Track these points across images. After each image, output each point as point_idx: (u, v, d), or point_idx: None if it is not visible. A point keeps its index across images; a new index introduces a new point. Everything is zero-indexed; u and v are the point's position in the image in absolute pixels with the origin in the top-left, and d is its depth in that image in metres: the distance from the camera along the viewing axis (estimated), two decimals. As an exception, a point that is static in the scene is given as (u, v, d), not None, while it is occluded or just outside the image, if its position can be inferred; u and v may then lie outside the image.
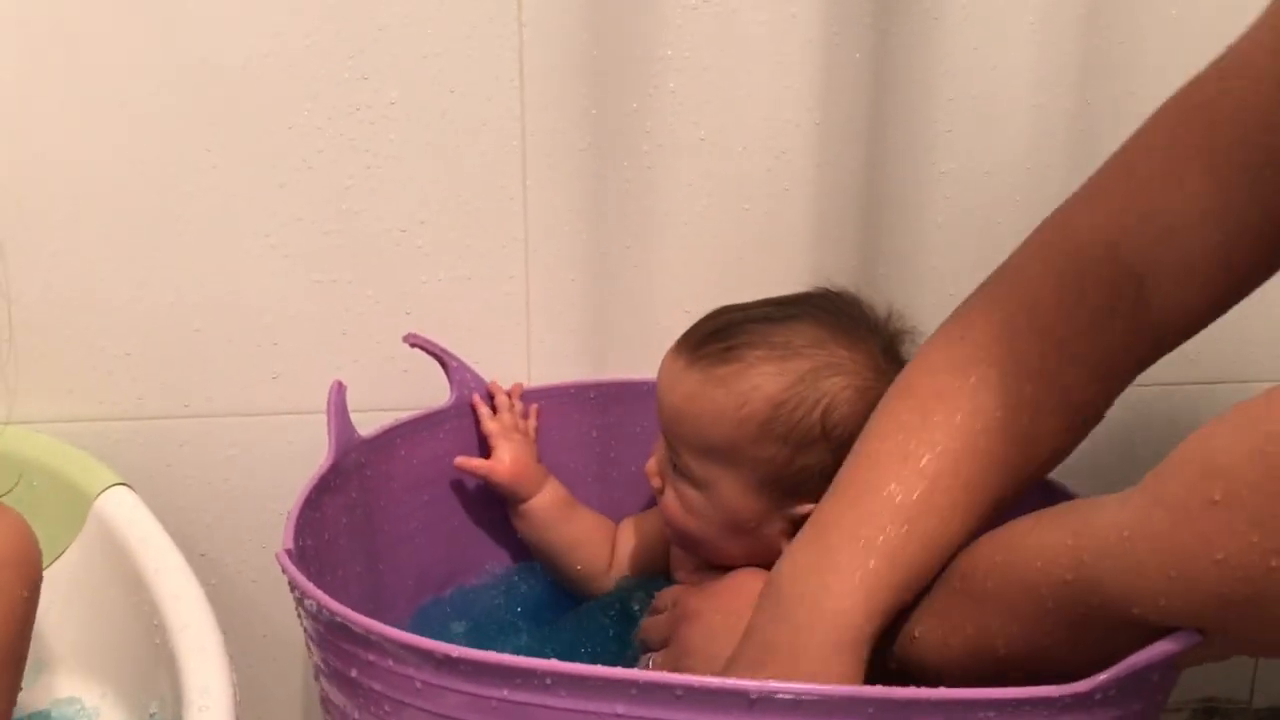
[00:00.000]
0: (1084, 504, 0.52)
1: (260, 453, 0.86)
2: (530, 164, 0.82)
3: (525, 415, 0.82)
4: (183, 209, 0.80)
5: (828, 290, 0.74)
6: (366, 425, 0.83)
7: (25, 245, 0.80)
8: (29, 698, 0.75)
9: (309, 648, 0.60)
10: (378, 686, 0.52)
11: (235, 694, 0.64)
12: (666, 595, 0.71)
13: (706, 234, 0.85)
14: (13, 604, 0.62)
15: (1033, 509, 0.56)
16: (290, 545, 0.59)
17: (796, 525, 0.68)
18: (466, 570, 0.82)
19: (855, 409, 0.66)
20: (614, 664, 0.69)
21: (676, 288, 0.85)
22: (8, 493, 0.76)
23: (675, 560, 0.76)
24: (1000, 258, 0.85)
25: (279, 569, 0.86)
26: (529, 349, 0.86)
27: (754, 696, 0.46)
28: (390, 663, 0.51)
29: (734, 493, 0.68)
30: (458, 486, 0.81)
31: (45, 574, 0.77)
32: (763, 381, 0.67)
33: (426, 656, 0.49)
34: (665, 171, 0.83)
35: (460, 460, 0.78)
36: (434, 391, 0.82)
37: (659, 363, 0.73)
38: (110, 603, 0.75)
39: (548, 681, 0.48)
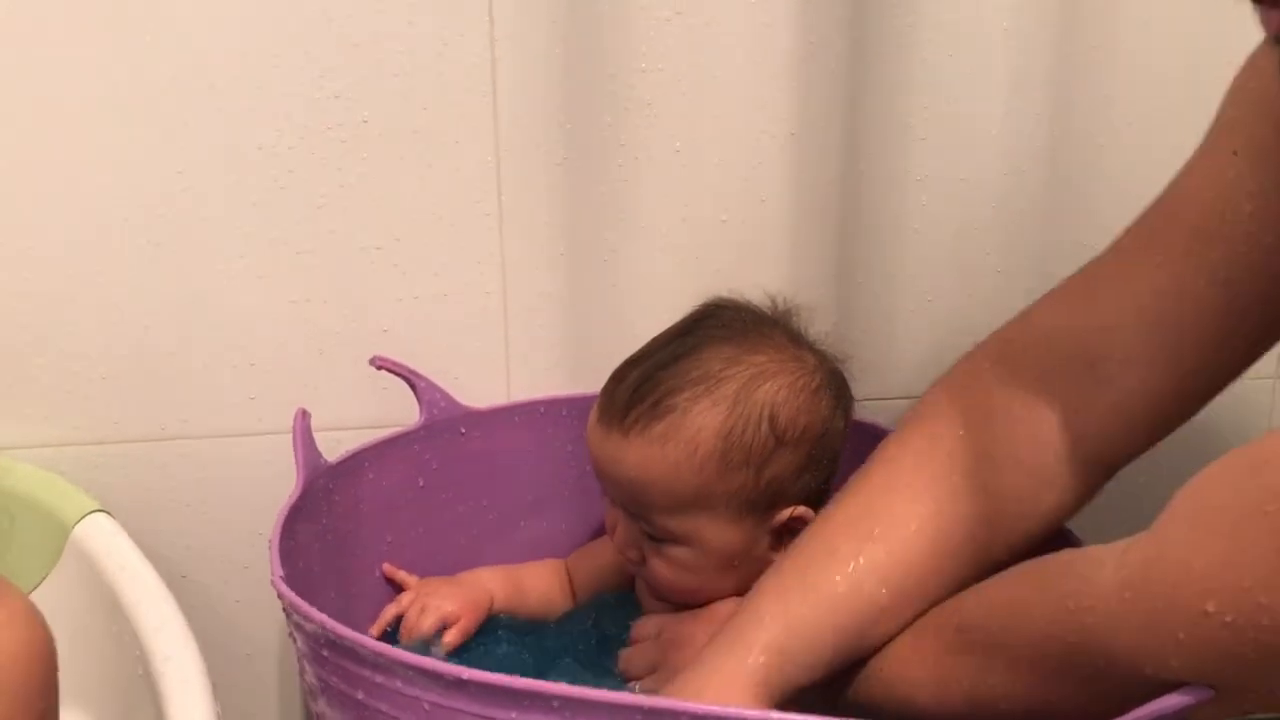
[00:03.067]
0: (1078, 559, 0.52)
1: (239, 474, 0.85)
2: (505, 179, 0.81)
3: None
4: (155, 231, 0.79)
5: (706, 307, 0.74)
6: (348, 444, 0.83)
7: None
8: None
9: (303, 667, 0.60)
10: (385, 708, 0.52)
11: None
12: (646, 625, 0.72)
13: (684, 246, 0.84)
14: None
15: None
16: (281, 572, 0.59)
17: (780, 533, 0.69)
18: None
19: (795, 403, 0.68)
20: (595, 671, 0.71)
21: (654, 300, 0.85)
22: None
23: (645, 593, 0.76)
24: (977, 263, 0.87)
25: (260, 590, 0.87)
26: (508, 364, 0.85)
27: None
28: (399, 684, 0.51)
29: (718, 533, 0.68)
30: (427, 508, 0.81)
31: (23, 603, 0.78)
32: (703, 420, 0.67)
33: (436, 679, 0.50)
34: (641, 184, 0.83)
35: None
36: (415, 408, 0.82)
37: None
38: (91, 632, 0.74)
39: (554, 704, 0.48)
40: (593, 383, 0.85)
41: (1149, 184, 0.85)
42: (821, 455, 0.69)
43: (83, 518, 0.77)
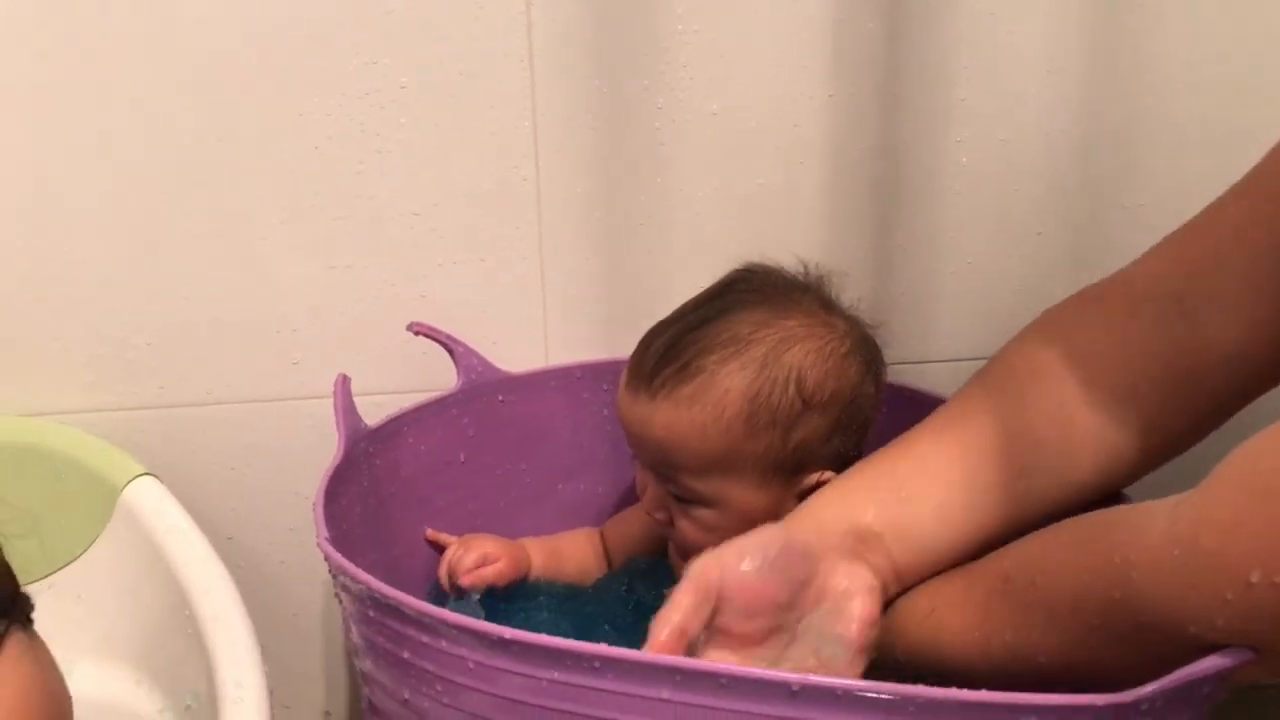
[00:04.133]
0: (1129, 513, 0.51)
1: (283, 438, 0.86)
2: (542, 144, 0.81)
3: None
4: (196, 197, 0.80)
5: (737, 272, 0.74)
6: (388, 408, 0.84)
7: (42, 240, 0.80)
8: (73, 688, 0.77)
9: (349, 627, 0.61)
10: (430, 667, 0.53)
11: (267, 685, 0.66)
12: None
13: (720, 210, 0.84)
14: None
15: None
16: (326, 534, 0.60)
17: (806, 497, 0.68)
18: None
19: (824, 368, 0.68)
20: (632, 640, 0.71)
21: (691, 265, 0.85)
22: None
23: (677, 557, 0.76)
24: (1017, 225, 0.86)
25: (304, 551, 0.89)
26: (545, 330, 0.86)
27: (795, 688, 0.47)
28: (444, 644, 0.52)
29: (745, 495, 0.68)
30: (466, 471, 0.82)
31: (77, 563, 0.80)
32: (730, 382, 0.67)
33: (481, 638, 0.50)
34: (678, 148, 0.82)
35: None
36: (453, 373, 0.82)
37: None
38: (140, 593, 0.76)
39: (596, 665, 0.49)
40: (629, 348, 0.85)
41: (1193, 146, 0.85)
42: (850, 420, 0.69)
43: (131, 481, 0.78)
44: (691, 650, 0.55)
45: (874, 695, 0.47)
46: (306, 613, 0.92)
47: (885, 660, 0.59)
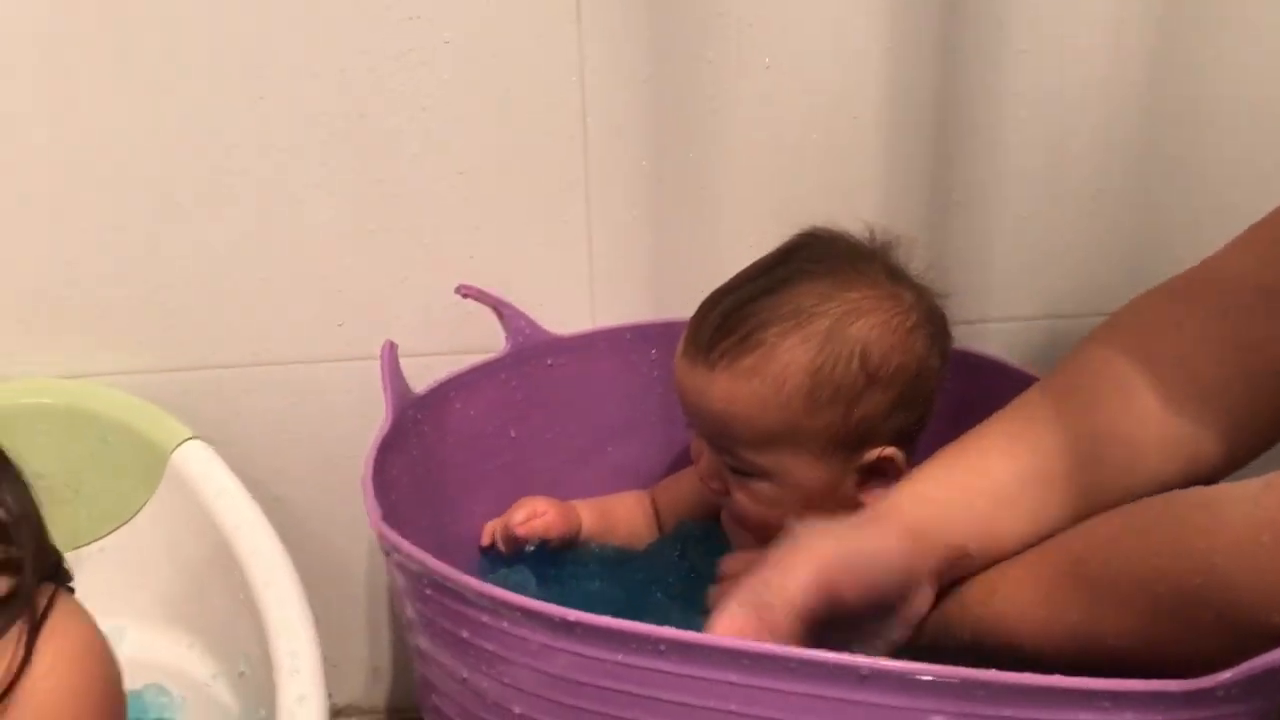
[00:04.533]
0: (1210, 497, 0.50)
1: (328, 399, 0.86)
2: (589, 99, 0.79)
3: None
4: (233, 159, 0.79)
5: (801, 238, 0.72)
6: (436, 371, 0.83)
7: (84, 203, 0.79)
8: (127, 651, 0.77)
9: (403, 604, 0.60)
10: (490, 647, 0.53)
11: (321, 653, 0.66)
12: (735, 562, 0.71)
13: (772, 166, 0.82)
14: None
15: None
16: (380, 511, 0.59)
17: (868, 473, 0.68)
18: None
19: (889, 342, 0.66)
20: (684, 606, 0.71)
21: (741, 222, 0.83)
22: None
23: (730, 523, 0.75)
24: (1076, 181, 0.83)
25: (349, 509, 0.89)
26: (592, 290, 0.84)
27: (865, 672, 0.46)
28: (505, 625, 0.51)
29: (804, 470, 0.67)
30: (515, 435, 0.81)
31: (127, 527, 0.80)
32: (791, 356, 0.65)
33: (544, 620, 0.50)
34: (729, 102, 0.80)
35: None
36: (501, 336, 0.81)
37: None
38: (191, 556, 0.76)
39: (661, 648, 0.48)
40: (678, 308, 0.84)
41: (1254, 103, 0.82)
42: (915, 395, 0.68)
43: (180, 444, 0.78)
44: None
45: (944, 680, 0.46)
46: (353, 572, 0.92)
47: (945, 640, 0.58)
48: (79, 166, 0.78)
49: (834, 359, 0.65)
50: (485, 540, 0.75)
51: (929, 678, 0.46)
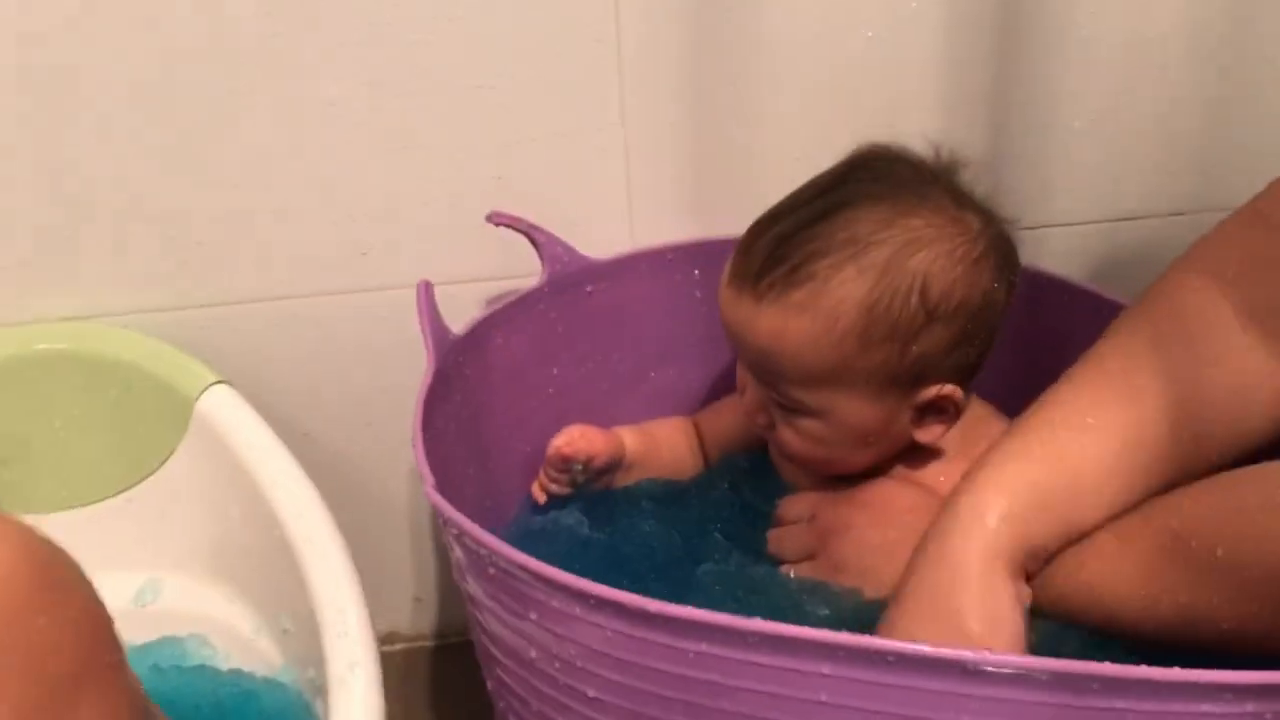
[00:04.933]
0: None
1: (354, 330, 0.82)
2: (622, 1, 0.73)
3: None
4: (246, 82, 0.73)
5: (859, 157, 0.66)
6: (466, 299, 0.79)
7: (87, 132, 0.73)
8: (166, 603, 0.75)
9: (461, 574, 0.57)
10: (561, 631, 0.50)
11: (368, 612, 0.63)
12: (796, 504, 0.68)
13: (821, 67, 0.76)
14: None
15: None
16: (432, 479, 0.56)
17: (924, 410, 0.64)
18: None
19: (952, 275, 0.61)
20: (743, 548, 0.68)
21: (788, 131, 0.77)
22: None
23: (780, 461, 0.71)
24: (1152, 76, 0.77)
25: (384, 444, 0.86)
26: (630, 206, 0.79)
27: (970, 666, 0.43)
28: (578, 610, 0.48)
29: (855, 409, 0.63)
30: (556, 367, 0.77)
31: (154, 477, 0.77)
32: (845, 291, 0.60)
33: (620, 609, 0.47)
34: (773, 2, 0.73)
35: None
36: (532, 258, 0.76)
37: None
38: (224, 506, 0.73)
39: (750, 640, 0.45)
40: (720, 225, 0.79)
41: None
42: (977, 330, 0.63)
43: (205, 390, 0.74)
44: None
45: (1056, 672, 0.43)
46: (391, 503, 0.90)
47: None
48: (77, 92, 0.72)
49: (891, 294, 0.60)
50: (540, 498, 0.72)
51: (1040, 671, 0.43)
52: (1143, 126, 0.79)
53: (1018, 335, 0.72)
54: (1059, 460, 0.54)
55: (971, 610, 0.52)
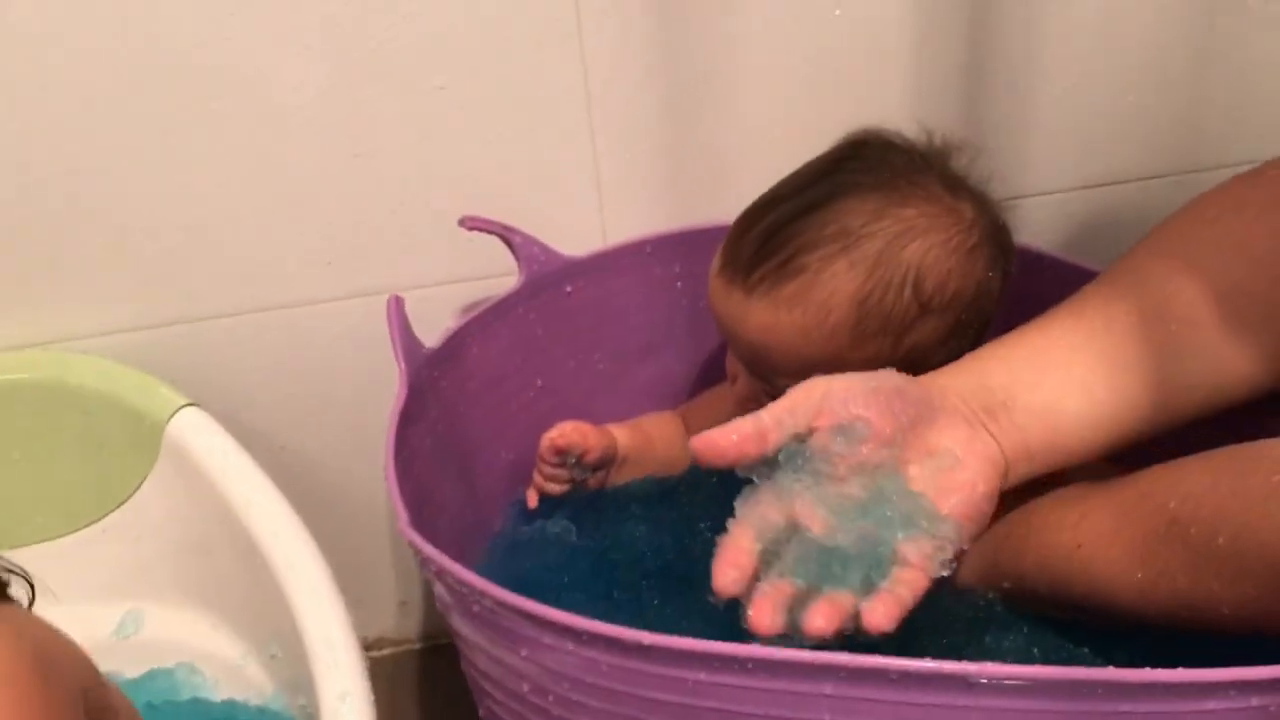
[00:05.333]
0: None
1: (324, 340, 0.79)
2: (582, -8, 0.70)
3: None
4: (201, 90, 0.70)
5: (850, 145, 0.64)
6: (438, 304, 0.77)
7: (41, 147, 0.70)
8: (149, 634, 0.74)
9: (447, 611, 0.55)
10: (552, 665, 0.48)
11: (357, 637, 0.61)
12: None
13: (792, 48, 0.74)
14: None
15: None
16: (407, 516, 0.54)
17: None
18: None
19: (946, 266, 0.60)
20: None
21: (761, 116, 0.75)
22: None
23: None
24: (1129, 42, 0.75)
25: (360, 455, 0.84)
26: (601, 202, 0.77)
27: (974, 679, 0.42)
28: (569, 646, 0.47)
29: None
30: (537, 370, 0.75)
31: (127, 505, 0.75)
32: (837, 284, 0.59)
33: (614, 644, 0.45)
34: (739, -19, 0.71)
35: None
36: (502, 257, 0.74)
37: (742, 202, 0.65)
38: (203, 534, 0.71)
39: (749, 666, 0.44)
40: (695, 215, 0.78)
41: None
42: (971, 320, 0.61)
43: (174, 414, 0.72)
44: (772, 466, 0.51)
45: (1059, 681, 0.42)
46: (372, 508, 0.88)
47: (1018, 591, 0.54)
48: (33, 110, 0.69)
49: (884, 287, 0.59)
50: (532, 501, 0.69)
51: (1045, 679, 0.42)
52: (1121, 90, 0.77)
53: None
54: (1039, 359, 0.54)
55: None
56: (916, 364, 0.61)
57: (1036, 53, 0.75)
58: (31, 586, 0.49)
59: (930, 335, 0.60)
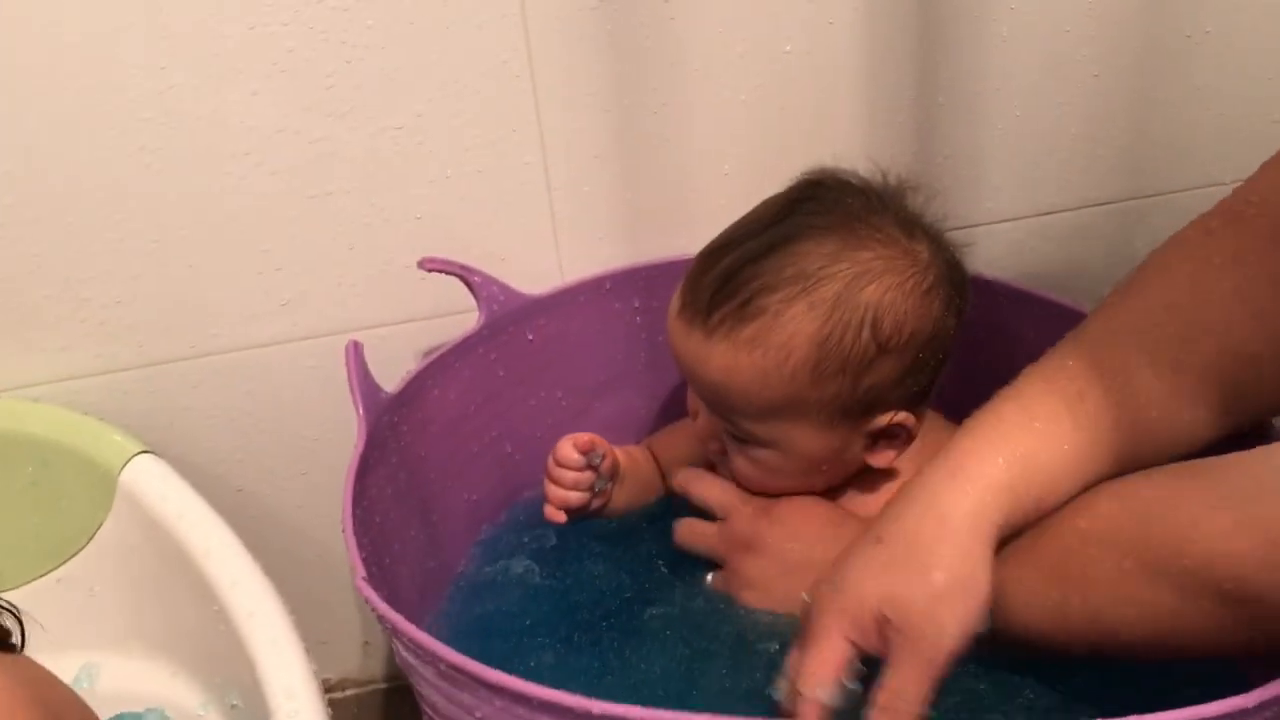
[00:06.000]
0: (1245, 476, 0.46)
1: (280, 382, 0.79)
2: (533, 31, 0.70)
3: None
4: (147, 135, 0.69)
5: (805, 187, 0.64)
6: (395, 344, 0.77)
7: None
8: (107, 685, 0.72)
9: (406, 666, 0.55)
10: None
11: (318, 685, 0.61)
12: (710, 490, 0.67)
13: (744, 85, 0.74)
14: None
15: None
16: (363, 571, 0.53)
17: (878, 436, 0.64)
18: (520, 488, 0.77)
19: (903, 307, 0.60)
20: (684, 579, 0.67)
21: (714, 149, 0.76)
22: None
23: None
24: (1072, 70, 0.77)
25: (318, 493, 0.83)
26: (556, 240, 0.77)
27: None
28: (521, 711, 0.46)
29: (808, 439, 0.62)
30: (498, 409, 0.75)
31: (82, 555, 0.74)
32: (796, 326, 0.59)
33: (564, 712, 0.45)
34: (691, 19, 0.71)
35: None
36: (460, 294, 0.74)
37: (698, 236, 0.64)
38: (158, 582, 0.70)
39: None
40: (652, 250, 0.78)
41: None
42: (929, 359, 0.62)
43: (128, 462, 0.71)
44: None
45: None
46: (330, 551, 0.87)
47: None
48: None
49: (842, 329, 0.59)
50: (560, 517, 0.68)
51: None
52: (1066, 120, 0.78)
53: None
54: (1034, 446, 0.54)
55: (946, 563, 0.51)
56: (873, 404, 0.62)
57: (984, 86, 0.76)
58: (22, 627, 0.48)
59: (888, 375, 0.61)
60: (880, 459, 0.64)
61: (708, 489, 0.68)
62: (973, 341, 0.73)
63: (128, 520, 0.71)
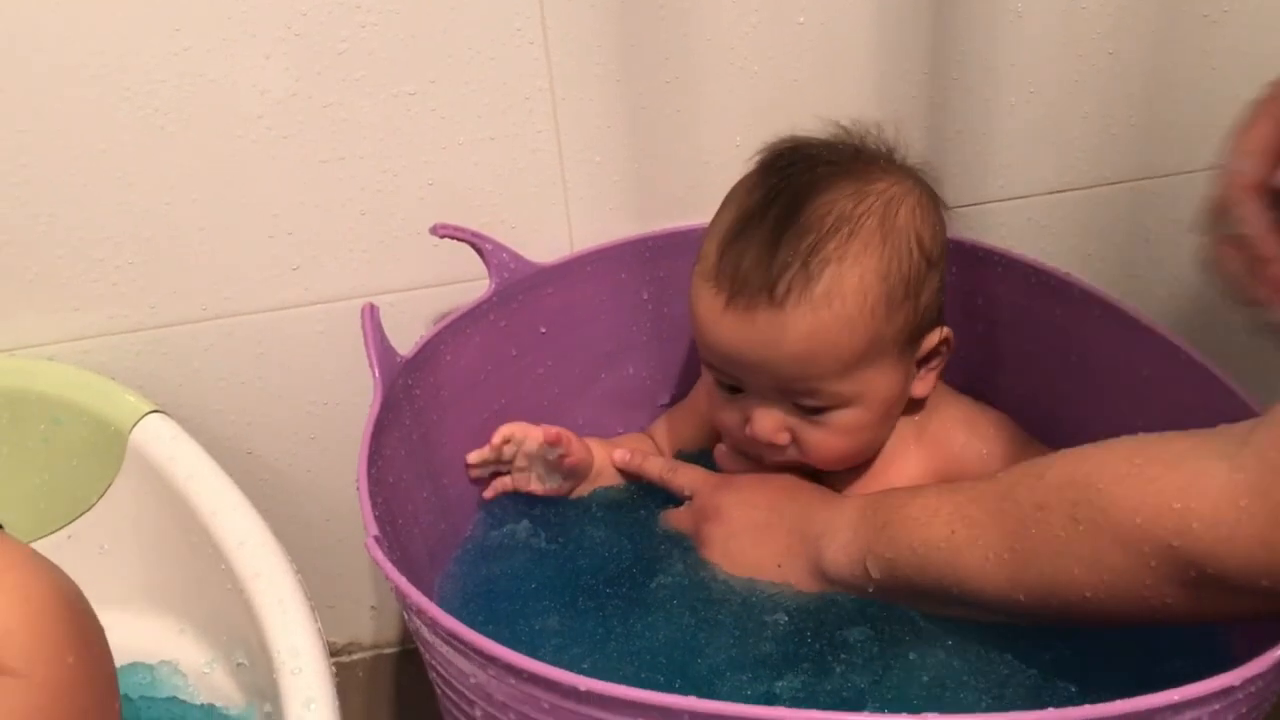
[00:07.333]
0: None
1: (291, 346, 0.79)
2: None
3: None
4: (159, 99, 0.69)
5: (780, 153, 0.65)
6: (406, 309, 0.77)
7: (2, 163, 0.70)
8: (114, 641, 0.73)
9: (418, 640, 0.56)
10: (498, 695, 0.48)
11: (324, 644, 0.62)
12: (683, 476, 0.70)
13: (756, 56, 0.74)
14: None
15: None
16: (375, 529, 0.54)
17: (925, 360, 0.65)
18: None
19: (931, 221, 0.64)
20: (684, 550, 0.67)
21: (726, 121, 0.76)
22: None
23: (722, 459, 0.70)
24: (1088, 46, 0.76)
25: (327, 456, 0.84)
26: (567, 208, 0.77)
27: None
28: (512, 681, 0.47)
29: (886, 381, 0.63)
30: (507, 376, 0.75)
31: (92, 512, 0.74)
32: (863, 265, 0.60)
33: (553, 686, 0.45)
34: (703, -13, 0.71)
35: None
36: (470, 261, 0.74)
37: (708, 206, 0.65)
38: (168, 540, 0.71)
39: (685, 718, 0.44)
40: (662, 219, 0.78)
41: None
42: (946, 268, 0.66)
43: (138, 421, 0.72)
44: None
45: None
46: (340, 514, 0.88)
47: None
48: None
49: (899, 255, 0.61)
50: (488, 494, 0.72)
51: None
52: (1080, 98, 0.78)
53: (965, 305, 0.73)
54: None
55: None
56: (926, 325, 0.63)
57: (998, 62, 0.76)
58: None
59: (934, 290, 0.64)
60: (923, 386, 0.66)
61: (679, 477, 0.70)
62: (984, 317, 0.74)
63: (138, 479, 0.72)
